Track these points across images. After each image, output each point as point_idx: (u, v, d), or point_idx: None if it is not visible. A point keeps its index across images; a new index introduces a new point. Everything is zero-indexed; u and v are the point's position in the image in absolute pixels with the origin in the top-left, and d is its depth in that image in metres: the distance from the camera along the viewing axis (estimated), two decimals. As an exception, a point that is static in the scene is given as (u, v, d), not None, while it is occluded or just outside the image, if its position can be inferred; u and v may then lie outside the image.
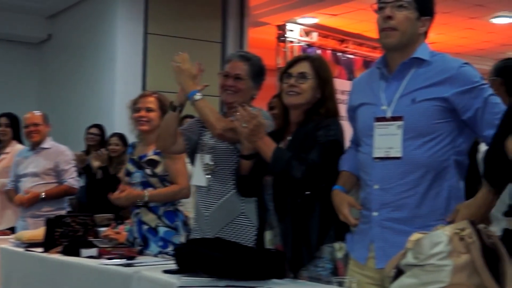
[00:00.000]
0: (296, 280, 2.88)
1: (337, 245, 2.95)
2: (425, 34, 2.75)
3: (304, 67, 3.10)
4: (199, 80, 3.48)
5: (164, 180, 4.09)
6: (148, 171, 4.09)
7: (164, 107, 4.14)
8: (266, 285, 2.66)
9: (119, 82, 8.27)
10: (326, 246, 2.95)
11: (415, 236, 2.01)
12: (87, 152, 7.12)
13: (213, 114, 3.44)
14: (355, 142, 2.93)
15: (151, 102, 4.20)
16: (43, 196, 5.64)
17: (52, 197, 5.74)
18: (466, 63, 2.66)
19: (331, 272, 2.92)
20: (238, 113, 3.00)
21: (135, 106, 4.24)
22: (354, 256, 2.80)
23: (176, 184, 4.07)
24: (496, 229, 2.52)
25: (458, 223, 2.03)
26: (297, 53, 9.48)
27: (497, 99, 2.61)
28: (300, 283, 2.80)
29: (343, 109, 3.04)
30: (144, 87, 8.18)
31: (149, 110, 4.17)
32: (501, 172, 2.32)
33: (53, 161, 5.79)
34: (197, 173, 3.59)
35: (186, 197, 4.11)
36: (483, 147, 3.02)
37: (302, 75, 3.08)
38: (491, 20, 9.69)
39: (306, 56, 3.27)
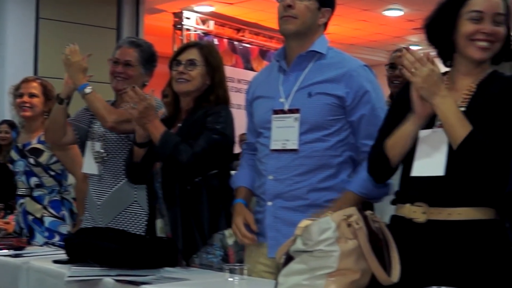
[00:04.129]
0: (188, 267, 2.89)
1: (227, 232, 2.96)
2: (324, 25, 2.80)
3: (193, 54, 3.09)
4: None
5: (49, 169, 4.00)
6: (31, 160, 3.99)
7: (48, 93, 4.06)
8: (158, 273, 2.65)
9: (9, 67, 8.00)
10: (216, 233, 2.96)
11: (304, 222, 2.03)
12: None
13: (104, 107, 3.40)
14: (251, 148, 2.94)
15: (35, 87, 4.10)
16: None
17: None
18: (364, 65, 2.72)
19: (222, 259, 2.93)
20: (127, 95, 2.96)
21: (17, 92, 4.12)
22: (250, 244, 2.82)
23: (74, 174, 4.00)
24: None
25: (345, 209, 2.07)
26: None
27: (383, 113, 2.62)
28: (192, 271, 2.80)
29: (238, 97, 3.05)
30: (35, 73, 7.96)
31: (32, 95, 4.07)
32: (383, 168, 2.40)
33: None
34: (88, 161, 3.53)
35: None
36: None
37: (191, 62, 3.06)
38: (383, 12, 9.93)
39: (195, 43, 3.26)
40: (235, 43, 10.50)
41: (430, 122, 2.29)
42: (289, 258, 2.05)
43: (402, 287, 2.01)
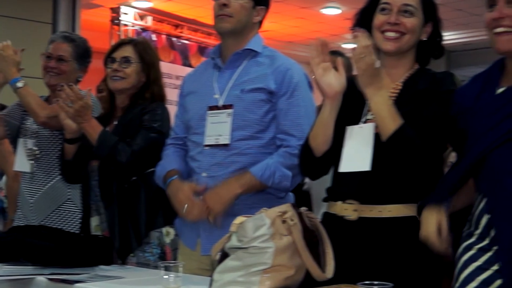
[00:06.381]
0: (123, 266, 2.87)
1: (165, 230, 2.95)
2: (259, 23, 2.83)
3: (127, 51, 3.07)
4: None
5: None
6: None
7: None
8: (92, 272, 2.63)
9: None
10: (154, 231, 2.95)
11: (239, 219, 2.04)
12: None
13: (36, 102, 3.35)
14: (179, 142, 2.90)
15: None
16: None
17: None
18: (295, 64, 2.75)
19: (159, 257, 2.93)
20: (63, 93, 2.92)
21: None
22: (184, 241, 2.82)
23: (5, 172, 3.92)
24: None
25: (281, 206, 2.07)
26: (131, 37, 9.32)
27: (306, 112, 2.67)
28: (127, 269, 2.79)
29: (176, 94, 3.03)
30: (-33, 67, 7.74)
31: None
32: (310, 160, 2.42)
33: None
34: (20, 159, 3.47)
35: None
36: None
37: (126, 60, 3.05)
38: (321, 10, 10.00)
39: (129, 40, 3.25)
40: (174, 39, 10.41)
41: (356, 118, 2.31)
42: (224, 255, 2.05)
43: (336, 283, 2.03)
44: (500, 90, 2.13)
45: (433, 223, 2.11)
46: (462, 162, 2.14)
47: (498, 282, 2.01)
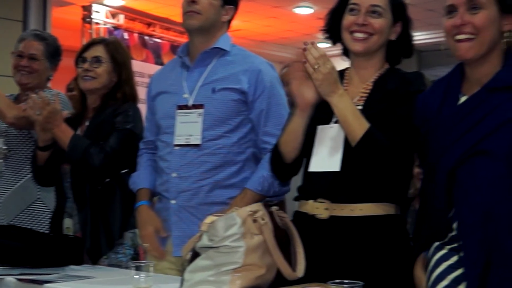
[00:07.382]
0: (94, 266, 2.85)
1: (138, 230, 2.93)
2: (228, 23, 2.82)
3: (98, 51, 3.06)
4: None
5: None
6: None
7: None
8: (62, 271, 2.62)
9: None
10: (128, 232, 2.94)
11: (210, 218, 2.03)
12: None
13: (4, 102, 3.31)
14: (150, 146, 2.90)
15: None
16: None
17: None
18: (265, 62, 2.75)
19: (132, 258, 2.91)
20: (30, 100, 2.90)
21: None
22: None
23: None
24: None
25: (251, 205, 2.07)
26: (103, 35, 9.25)
27: (286, 111, 2.67)
28: (98, 269, 2.77)
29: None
30: None
31: None
32: (280, 166, 2.42)
33: None
34: (-12, 158, 3.45)
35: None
36: None
37: (97, 59, 3.04)
38: (294, 10, 10.02)
39: (101, 39, 3.23)
40: (146, 37, 10.35)
41: (328, 118, 2.32)
42: (195, 255, 2.05)
43: (307, 282, 2.03)
44: (463, 99, 2.14)
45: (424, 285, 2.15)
46: (435, 187, 2.12)
47: None
